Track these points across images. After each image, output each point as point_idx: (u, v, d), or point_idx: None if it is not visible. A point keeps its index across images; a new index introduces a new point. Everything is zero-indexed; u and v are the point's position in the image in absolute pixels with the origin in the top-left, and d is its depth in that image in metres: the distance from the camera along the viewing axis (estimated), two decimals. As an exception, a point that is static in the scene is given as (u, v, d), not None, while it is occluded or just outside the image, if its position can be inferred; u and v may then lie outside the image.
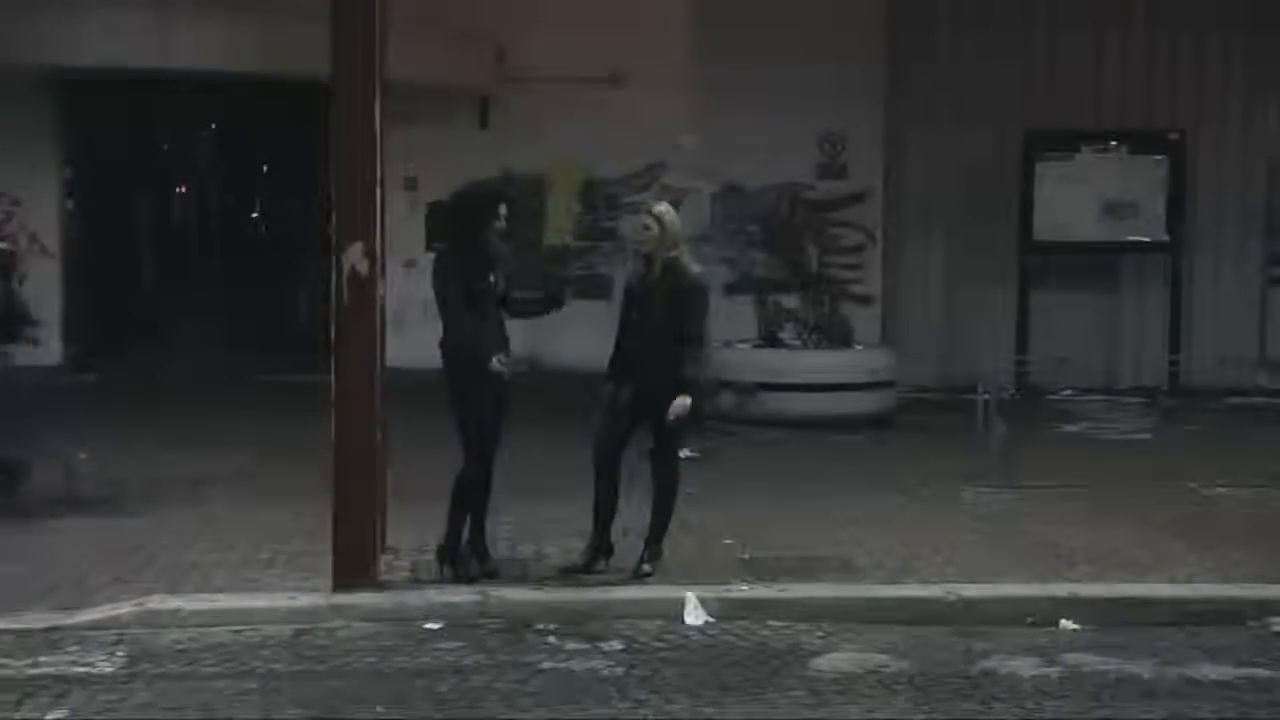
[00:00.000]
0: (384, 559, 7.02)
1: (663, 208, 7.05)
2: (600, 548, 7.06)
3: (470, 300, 6.71)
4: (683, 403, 6.77)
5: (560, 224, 15.64)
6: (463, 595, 6.64)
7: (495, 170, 15.23)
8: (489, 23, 14.71)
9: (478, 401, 6.70)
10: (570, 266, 15.50)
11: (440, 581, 6.81)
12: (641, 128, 14.76)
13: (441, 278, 6.77)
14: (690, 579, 6.93)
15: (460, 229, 6.88)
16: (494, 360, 6.64)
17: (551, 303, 7.27)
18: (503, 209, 6.84)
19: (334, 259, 6.58)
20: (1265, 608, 6.73)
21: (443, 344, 6.77)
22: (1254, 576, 7.18)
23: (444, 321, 6.76)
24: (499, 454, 6.95)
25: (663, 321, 6.86)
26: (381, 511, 7.12)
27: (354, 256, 6.55)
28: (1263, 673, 5.90)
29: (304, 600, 6.56)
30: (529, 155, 15.13)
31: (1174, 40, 15.04)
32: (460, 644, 6.17)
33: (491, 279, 6.80)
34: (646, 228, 6.95)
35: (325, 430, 6.65)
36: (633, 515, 7.23)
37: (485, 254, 6.81)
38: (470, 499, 6.90)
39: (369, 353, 6.68)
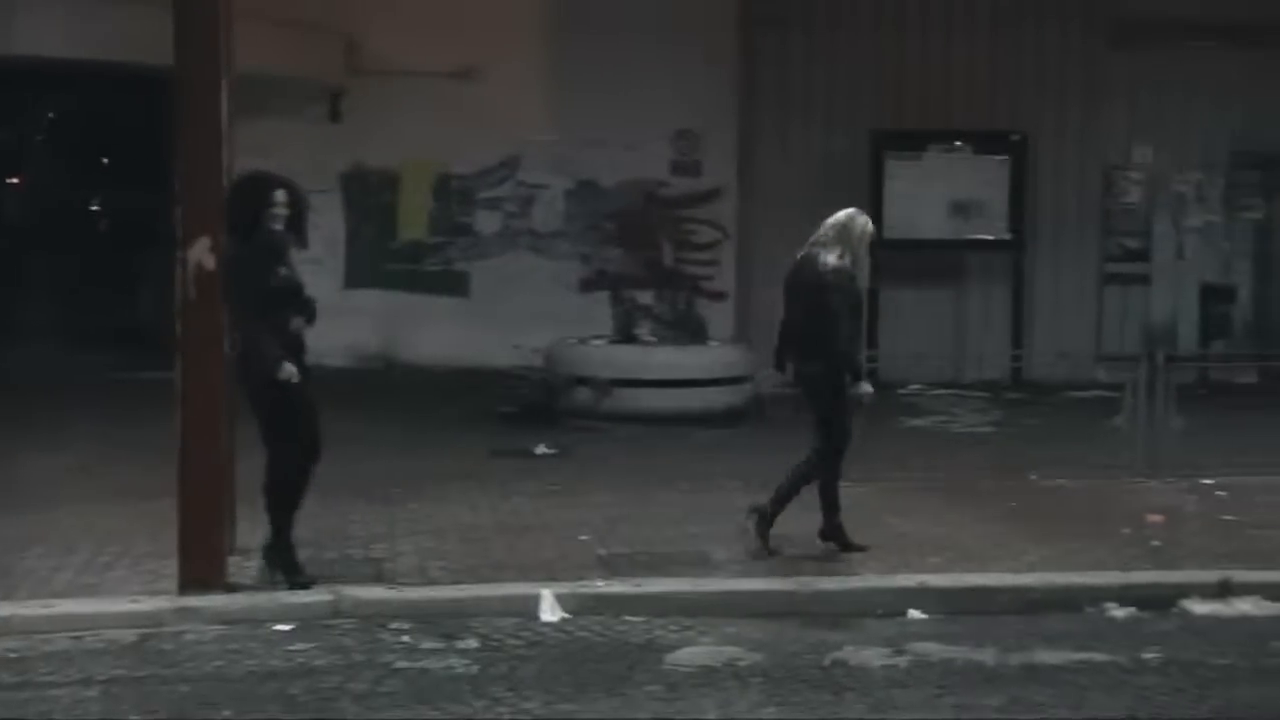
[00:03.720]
0: (234, 560, 6.87)
1: (844, 214, 7.56)
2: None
3: (269, 298, 6.46)
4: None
5: (414, 220, 15.47)
6: (315, 596, 6.54)
7: (348, 165, 15.06)
8: (340, 14, 14.50)
9: (276, 402, 6.48)
10: (425, 262, 15.36)
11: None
12: (496, 123, 14.68)
13: (223, 276, 6.45)
14: (547, 575, 6.93)
15: (234, 221, 6.52)
16: (282, 367, 6.38)
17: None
18: (279, 196, 6.55)
19: (179, 254, 6.42)
20: (1101, 594, 6.97)
21: (233, 345, 6.54)
22: (1091, 564, 7.42)
23: (233, 321, 6.52)
24: (327, 451, 6.79)
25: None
26: (230, 512, 6.97)
27: (199, 251, 6.40)
28: (1098, 656, 6.10)
29: (148, 604, 6.38)
30: (382, 149, 14.94)
31: (1016, 43, 15.45)
32: (312, 645, 6.07)
33: (283, 273, 6.54)
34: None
35: (174, 429, 6.48)
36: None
37: (268, 247, 6.52)
38: (286, 501, 6.66)
39: (216, 349, 6.53)
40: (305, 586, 6.61)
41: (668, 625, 6.46)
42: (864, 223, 7.51)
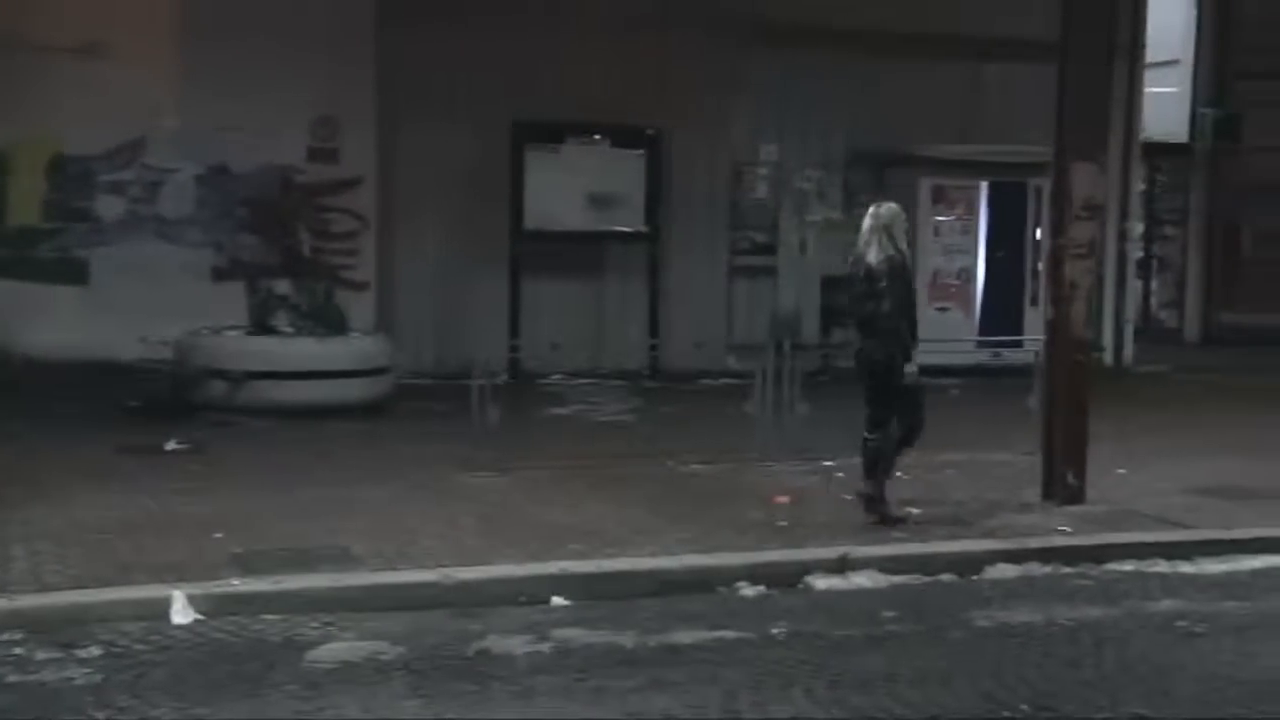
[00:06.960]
0: None
1: (874, 214, 8.30)
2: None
3: None
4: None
5: (25, 203, 14.43)
6: (-87, 610, 6.03)
7: (-51, 141, 13.93)
8: (-60, -23, 13.40)
9: None
10: (39, 249, 14.37)
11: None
12: (121, 103, 13.90)
13: None
14: (178, 576, 6.64)
15: None
16: None
17: None
18: None
19: None
20: (733, 574, 7.28)
21: None
22: (724, 546, 7.72)
23: None
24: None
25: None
26: None
27: None
28: (730, 634, 6.37)
29: None
30: (-10, 126, 13.88)
31: (653, 41, 15.85)
32: (-91, 664, 5.59)
33: None
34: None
35: None
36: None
37: None
38: None
39: None
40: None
41: (308, 623, 6.32)
42: (886, 211, 8.31)
